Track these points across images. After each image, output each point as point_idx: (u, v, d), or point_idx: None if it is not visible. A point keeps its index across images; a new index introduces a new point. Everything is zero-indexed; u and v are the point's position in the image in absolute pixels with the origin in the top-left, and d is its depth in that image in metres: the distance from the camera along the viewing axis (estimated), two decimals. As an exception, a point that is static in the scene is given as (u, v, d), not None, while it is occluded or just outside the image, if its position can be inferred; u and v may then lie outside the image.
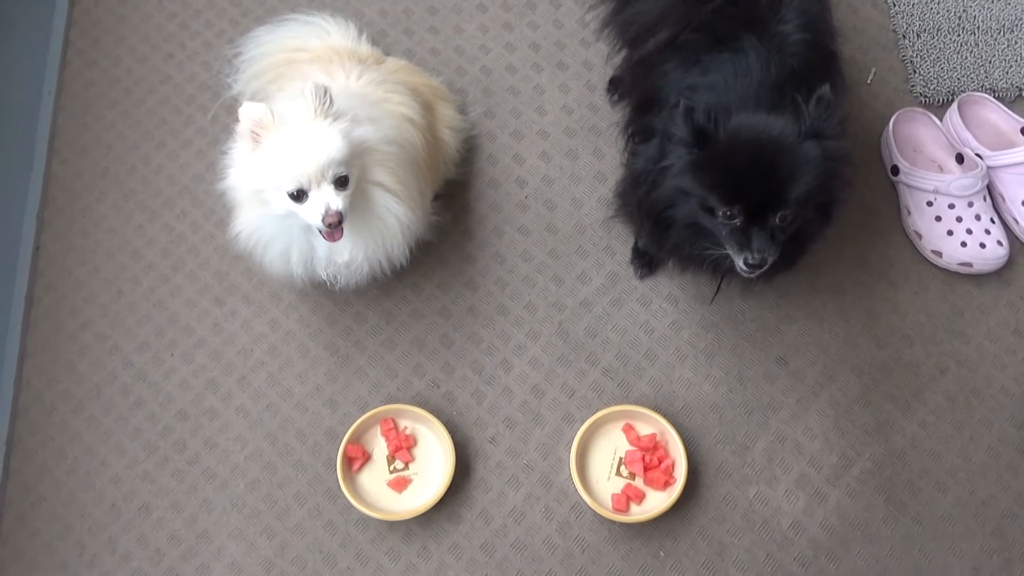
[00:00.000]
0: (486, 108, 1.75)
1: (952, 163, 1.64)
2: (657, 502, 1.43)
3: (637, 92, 1.44)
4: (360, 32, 1.64)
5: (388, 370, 1.55)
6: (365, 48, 1.60)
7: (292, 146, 1.22)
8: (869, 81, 1.78)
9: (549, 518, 1.45)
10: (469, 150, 1.69)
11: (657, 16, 1.33)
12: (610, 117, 1.72)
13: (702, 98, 1.24)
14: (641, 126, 1.38)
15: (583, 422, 1.46)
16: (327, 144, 1.22)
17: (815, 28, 1.28)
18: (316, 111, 1.22)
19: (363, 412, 1.48)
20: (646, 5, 1.36)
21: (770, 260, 1.20)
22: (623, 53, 1.50)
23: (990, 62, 1.77)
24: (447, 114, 1.59)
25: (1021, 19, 1.81)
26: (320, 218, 1.24)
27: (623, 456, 1.45)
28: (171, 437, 1.51)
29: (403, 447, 1.46)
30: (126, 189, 1.70)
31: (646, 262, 1.60)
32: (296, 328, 1.58)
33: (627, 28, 1.43)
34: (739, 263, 1.22)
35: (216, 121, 1.74)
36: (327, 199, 1.24)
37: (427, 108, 1.52)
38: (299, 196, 1.24)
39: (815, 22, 1.28)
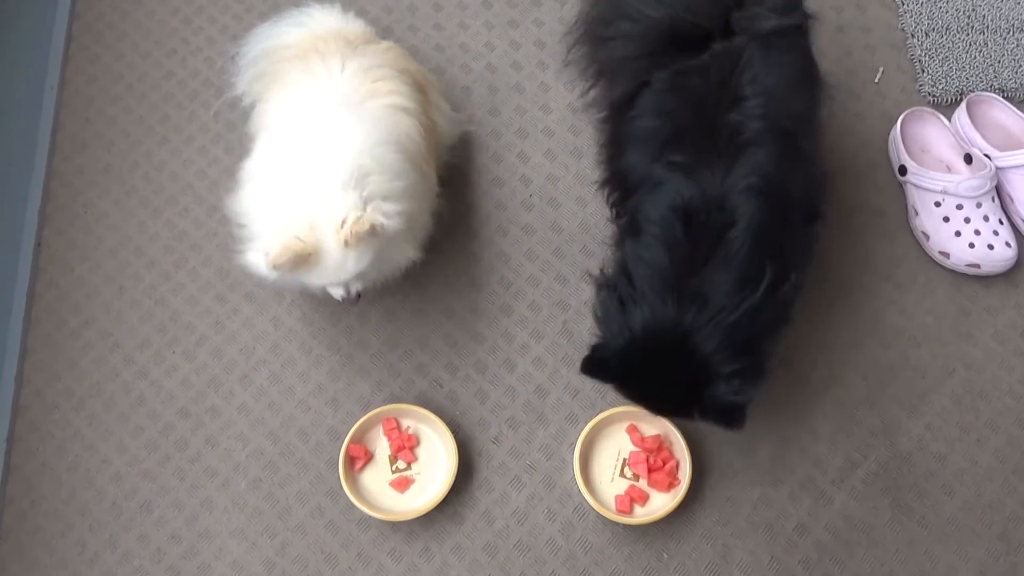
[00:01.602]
0: (491, 106, 1.74)
1: (960, 163, 1.63)
2: (661, 504, 1.42)
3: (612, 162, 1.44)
4: (346, 10, 1.57)
5: (391, 369, 1.54)
6: (354, 28, 1.52)
7: (322, 268, 1.26)
8: (877, 80, 1.77)
9: (552, 519, 1.44)
10: (472, 147, 1.68)
11: (616, 65, 1.31)
12: (615, 115, 1.71)
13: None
14: (622, 204, 1.39)
15: (587, 423, 1.45)
16: (358, 262, 1.27)
17: (774, 115, 1.22)
18: (348, 242, 1.23)
19: (365, 411, 1.47)
20: (608, 51, 1.33)
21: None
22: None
23: (999, 62, 1.75)
24: (437, 100, 1.56)
25: (1030, 18, 1.80)
26: (341, 299, 1.36)
27: (627, 457, 1.45)
28: (172, 435, 1.50)
29: (405, 447, 1.45)
30: (128, 185, 1.69)
31: (651, 262, 1.59)
32: (298, 326, 1.57)
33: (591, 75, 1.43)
34: None
35: (219, 117, 1.73)
36: (351, 286, 1.34)
37: (420, 90, 1.48)
38: None
39: (776, 105, 1.23)
